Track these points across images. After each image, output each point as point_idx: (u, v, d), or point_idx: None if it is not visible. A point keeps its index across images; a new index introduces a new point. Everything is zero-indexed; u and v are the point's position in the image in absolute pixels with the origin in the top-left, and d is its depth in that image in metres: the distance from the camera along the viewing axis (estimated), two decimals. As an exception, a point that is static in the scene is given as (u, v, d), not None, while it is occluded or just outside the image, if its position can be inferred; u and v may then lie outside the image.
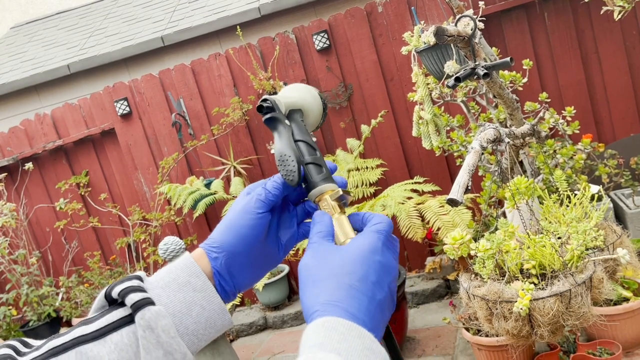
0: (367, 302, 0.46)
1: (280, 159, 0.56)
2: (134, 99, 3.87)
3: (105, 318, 0.50)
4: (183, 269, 0.54)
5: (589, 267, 1.24)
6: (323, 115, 0.65)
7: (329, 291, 0.45)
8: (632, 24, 3.16)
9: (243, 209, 0.56)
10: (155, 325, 0.48)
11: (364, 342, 0.41)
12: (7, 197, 4.04)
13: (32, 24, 6.54)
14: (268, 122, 0.58)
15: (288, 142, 0.57)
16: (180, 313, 0.51)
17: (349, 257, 0.48)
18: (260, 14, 4.00)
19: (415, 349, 2.85)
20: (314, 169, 0.56)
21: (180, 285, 0.52)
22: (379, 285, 0.47)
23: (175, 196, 3.54)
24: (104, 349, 0.48)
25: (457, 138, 2.58)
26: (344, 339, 0.40)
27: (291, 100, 0.61)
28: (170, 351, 0.49)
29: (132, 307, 0.49)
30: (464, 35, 1.62)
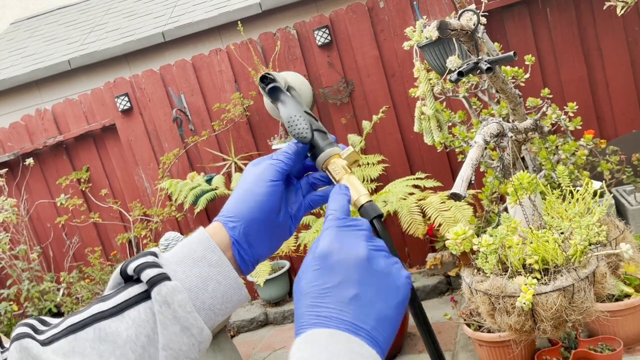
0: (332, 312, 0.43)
1: (289, 122, 0.57)
2: (135, 95, 3.86)
3: (122, 295, 0.50)
4: (198, 244, 0.53)
5: (592, 262, 1.24)
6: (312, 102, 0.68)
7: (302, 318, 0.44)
8: (634, 20, 3.14)
9: (258, 178, 0.56)
10: (171, 301, 0.48)
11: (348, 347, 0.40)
12: (8, 192, 4.03)
13: (32, 19, 6.53)
14: (271, 92, 0.60)
15: (294, 105, 0.58)
16: (196, 288, 0.51)
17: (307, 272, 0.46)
18: (261, 9, 3.99)
19: (416, 345, 2.85)
20: (319, 135, 0.58)
21: (196, 261, 0.52)
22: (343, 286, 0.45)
23: (176, 192, 3.54)
24: (122, 324, 0.48)
25: (459, 134, 2.57)
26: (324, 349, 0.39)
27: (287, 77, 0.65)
28: (187, 326, 0.49)
29: (148, 283, 0.49)
30: (467, 29, 1.61)
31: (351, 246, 0.46)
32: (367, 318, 0.43)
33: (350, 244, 0.47)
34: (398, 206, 2.57)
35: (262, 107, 3.68)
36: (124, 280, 0.53)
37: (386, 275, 0.46)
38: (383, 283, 0.46)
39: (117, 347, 0.47)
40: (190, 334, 0.49)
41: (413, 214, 2.57)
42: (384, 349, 0.43)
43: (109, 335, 0.48)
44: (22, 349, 0.47)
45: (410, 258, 3.65)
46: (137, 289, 0.50)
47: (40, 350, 0.46)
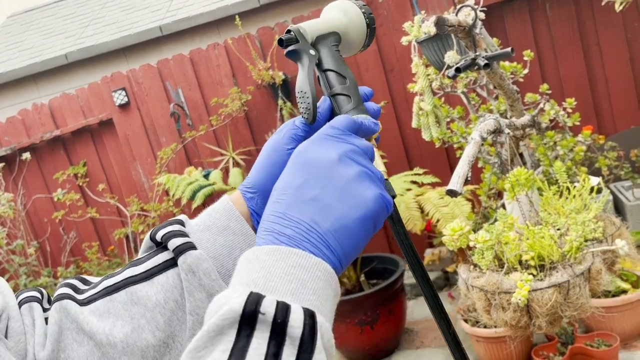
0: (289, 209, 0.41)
1: (298, 95, 0.53)
2: (132, 89, 3.84)
3: (151, 260, 0.53)
4: (222, 213, 0.54)
5: (588, 259, 1.24)
6: (368, 32, 0.59)
7: (264, 215, 0.42)
8: (633, 16, 3.13)
9: (272, 147, 0.55)
10: (196, 269, 0.50)
11: (288, 262, 0.37)
12: (4, 187, 4.02)
13: (29, 12, 6.49)
14: (290, 55, 0.55)
15: (307, 76, 0.53)
16: (221, 256, 0.53)
17: (283, 172, 0.45)
18: (259, 4, 3.97)
19: (413, 340, 2.85)
20: (343, 99, 0.53)
21: (220, 229, 0.53)
22: (306, 185, 0.42)
23: (173, 187, 3.53)
24: (152, 289, 0.51)
25: (457, 129, 2.57)
26: (262, 267, 0.37)
27: (321, 25, 0.56)
28: (212, 293, 0.50)
29: (174, 252, 0.51)
30: (464, 25, 1.60)
31: (326, 149, 0.44)
32: (322, 221, 0.40)
33: (327, 147, 0.44)
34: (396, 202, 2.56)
35: (260, 101, 3.67)
36: (155, 245, 0.55)
37: (354, 184, 0.43)
38: (348, 190, 0.42)
39: (147, 310, 0.50)
40: None
41: (411, 209, 2.56)
42: (341, 260, 0.41)
43: (140, 299, 0.50)
44: (61, 309, 0.50)
45: (408, 253, 3.65)
46: (165, 255, 0.53)
47: (78, 310, 0.50)
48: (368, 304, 2.63)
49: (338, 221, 0.41)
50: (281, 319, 0.34)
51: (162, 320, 0.50)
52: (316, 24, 0.56)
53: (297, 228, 0.40)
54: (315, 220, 0.41)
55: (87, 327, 0.49)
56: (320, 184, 0.42)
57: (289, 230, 0.40)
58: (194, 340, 0.33)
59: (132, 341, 0.49)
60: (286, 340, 0.33)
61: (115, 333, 0.49)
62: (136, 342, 0.49)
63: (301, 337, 0.34)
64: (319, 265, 0.38)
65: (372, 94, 0.57)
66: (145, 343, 0.50)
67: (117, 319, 0.50)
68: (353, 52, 0.61)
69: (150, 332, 0.50)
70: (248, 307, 0.33)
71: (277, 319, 0.34)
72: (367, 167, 0.45)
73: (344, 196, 0.42)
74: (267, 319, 0.33)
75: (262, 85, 3.57)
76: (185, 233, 0.53)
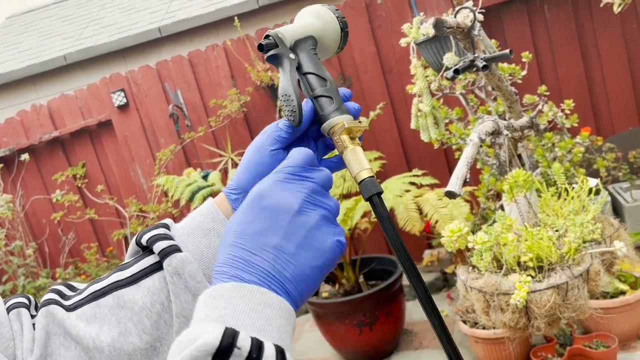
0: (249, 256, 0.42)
1: (282, 98, 0.54)
2: (131, 90, 3.84)
3: (137, 264, 0.53)
4: (207, 216, 0.55)
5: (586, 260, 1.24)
6: (342, 36, 0.61)
7: (221, 257, 0.43)
8: (631, 17, 3.14)
9: (256, 148, 0.56)
10: (182, 271, 0.51)
11: (252, 299, 0.39)
12: (3, 188, 4.02)
13: (28, 14, 6.49)
14: (270, 60, 0.55)
15: (290, 79, 0.53)
16: (206, 258, 0.53)
17: (238, 212, 0.45)
18: (258, 5, 3.97)
19: (412, 341, 2.85)
20: (325, 101, 0.54)
21: (205, 232, 0.54)
22: (267, 232, 0.43)
23: (172, 188, 3.53)
24: (138, 293, 0.51)
25: (456, 131, 2.57)
26: (229, 303, 0.38)
27: (300, 30, 0.57)
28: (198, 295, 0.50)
29: (159, 255, 0.51)
30: (463, 27, 1.60)
31: (286, 195, 0.44)
32: (282, 269, 0.42)
33: (286, 192, 0.45)
34: (395, 203, 2.56)
35: (259, 103, 3.67)
36: (141, 249, 0.55)
37: (313, 233, 0.44)
38: (308, 240, 0.43)
39: (134, 314, 0.51)
40: None
41: (410, 210, 2.57)
42: (297, 303, 0.43)
43: (126, 303, 0.51)
44: (48, 314, 0.50)
45: (407, 255, 3.65)
46: (151, 259, 0.53)
47: (65, 315, 0.50)
48: (367, 305, 2.63)
49: (297, 269, 0.42)
50: (256, 354, 0.35)
51: (149, 323, 0.51)
52: (294, 29, 0.57)
53: (259, 274, 0.41)
54: (275, 268, 0.42)
55: (74, 332, 0.49)
56: (281, 234, 0.43)
57: (249, 276, 0.41)
58: None
59: (119, 345, 0.50)
60: None
61: (102, 337, 0.49)
62: (123, 346, 0.50)
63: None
64: (280, 303, 0.40)
65: (351, 95, 0.58)
66: (133, 347, 0.50)
67: (103, 323, 0.50)
68: (328, 55, 0.62)
69: (137, 335, 0.50)
70: (225, 341, 0.34)
71: (252, 354, 0.35)
72: (325, 206, 0.46)
73: (303, 246, 0.43)
74: (243, 353, 0.34)
75: (261, 87, 3.57)
76: (171, 236, 0.53)
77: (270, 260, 0.42)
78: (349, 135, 0.53)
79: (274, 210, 0.44)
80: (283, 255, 0.42)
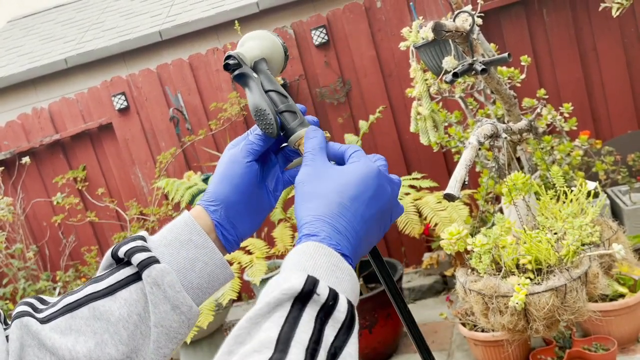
0: (354, 220, 0.47)
1: (256, 114, 0.57)
2: (132, 94, 3.86)
3: (113, 276, 0.54)
4: (184, 227, 0.57)
5: (585, 263, 1.25)
6: (285, 58, 0.65)
7: (320, 207, 0.48)
8: (630, 21, 3.16)
9: (231, 160, 0.59)
10: (161, 282, 0.52)
11: (330, 260, 0.44)
12: (4, 191, 4.02)
13: (29, 17, 6.51)
14: (237, 79, 0.59)
15: (260, 95, 0.57)
16: (184, 269, 0.55)
17: (346, 176, 0.50)
18: (258, 9, 3.99)
19: (412, 344, 2.85)
20: (289, 116, 0.58)
21: (183, 243, 0.56)
22: (368, 207, 0.49)
23: (172, 191, 3.53)
24: (115, 304, 0.52)
25: (455, 134, 2.58)
26: (310, 258, 0.44)
27: (254, 52, 0.61)
28: (177, 305, 0.52)
29: (138, 266, 0.52)
30: (462, 31, 1.62)
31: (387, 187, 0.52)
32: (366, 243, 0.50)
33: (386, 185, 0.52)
34: (394, 206, 2.57)
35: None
36: (115, 262, 0.56)
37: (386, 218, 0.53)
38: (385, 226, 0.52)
39: (110, 325, 0.51)
40: (180, 311, 0.53)
41: (409, 213, 2.57)
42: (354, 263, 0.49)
43: (102, 314, 0.51)
44: (22, 326, 0.50)
45: (407, 258, 3.66)
46: (128, 270, 0.54)
47: (39, 327, 0.50)
48: (366, 307, 2.63)
49: (374, 240, 0.52)
50: (332, 302, 0.40)
51: (125, 334, 0.51)
52: (250, 50, 0.61)
53: (350, 240, 0.47)
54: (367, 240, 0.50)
55: (50, 343, 0.49)
56: (382, 218, 0.51)
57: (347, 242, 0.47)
58: (254, 309, 0.39)
59: (95, 356, 0.50)
60: (329, 321, 0.40)
61: (79, 348, 0.50)
62: (100, 357, 0.50)
63: (343, 321, 0.40)
64: (348, 271, 0.46)
65: (305, 110, 0.62)
66: (109, 357, 0.50)
67: (79, 334, 0.50)
68: (274, 75, 0.65)
69: (114, 346, 0.51)
70: (306, 287, 0.40)
71: (329, 301, 0.40)
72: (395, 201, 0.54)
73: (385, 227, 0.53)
74: (321, 300, 0.40)
75: (261, 90, 3.58)
76: (148, 248, 0.54)
77: (366, 232, 0.49)
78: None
79: (379, 193, 0.50)
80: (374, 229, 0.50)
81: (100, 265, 0.57)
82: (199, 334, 2.58)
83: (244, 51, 0.61)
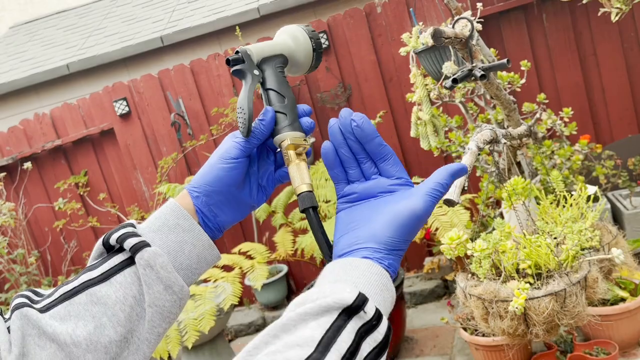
0: (398, 252, 0.51)
1: (238, 111, 0.59)
2: (133, 99, 3.87)
3: (107, 263, 0.56)
4: (170, 213, 0.59)
5: (584, 267, 1.25)
6: (314, 56, 0.65)
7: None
8: (629, 26, 3.17)
9: (221, 155, 0.61)
10: (154, 263, 0.54)
11: (381, 280, 0.48)
12: (6, 196, 4.04)
13: (31, 23, 6.54)
14: (235, 74, 0.60)
15: (247, 94, 0.59)
16: (174, 252, 0.57)
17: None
18: (259, 14, 4.01)
19: (413, 348, 2.85)
20: (280, 117, 0.59)
21: (171, 228, 0.58)
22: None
23: (174, 196, 3.54)
24: (111, 288, 0.54)
25: (456, 139, 2.59)
26: (362, 274, 0.47)
27: (267, 47, 0.62)
28: (169, 285, 0.55)
29: (130, 250, 0.55)
30: (461, 37, 1.63)
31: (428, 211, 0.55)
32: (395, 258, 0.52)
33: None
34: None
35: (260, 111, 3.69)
36: (107, 250, 0.58)
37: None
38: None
39: (108, 308, 0.53)
40: (172, 291, 0.55)
41: (410, 218, 2.57)
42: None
43: (100, 299, 0.54)
44: (22, 316, 0.52)
45: (408, 262, 3.66)
46: (121, 257, 0.56)
47: (39, 316, 0.52)
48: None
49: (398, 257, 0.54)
50: (375, 322, 0.44)
51: (122, 316, 0.54)
52: (263, 46, 0.62)
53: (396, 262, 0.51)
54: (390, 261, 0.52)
55: (51, 330, 0.51)
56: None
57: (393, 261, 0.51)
58: (308, 306, 0.42)
59: (95, 338, 0.52)
60: (368, 338, 0.43)
61: (79, 332, 0.52)
62: (100, 339, 0.52)
63: (379, 342, 0.44)
64: (393, 292, 0.50)
65: (311, 111, 0.63)
66: (108, 339, 0.53)
67: (78, 319, 0.53)
68: (301, 72, 0.67)
69: (112, 328, 0.53)
70: (357, 302, 0.43)
71: (372, 321, 0.43)
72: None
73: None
74: (366, 317, 0.43)
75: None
76: (139, 234, 0.57)
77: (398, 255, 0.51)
78: (295, 150, 0.58)
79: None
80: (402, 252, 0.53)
81: (91, 255, 0.59)
82: (200, 339, 2.58)
83: (258, 46, 0.61)
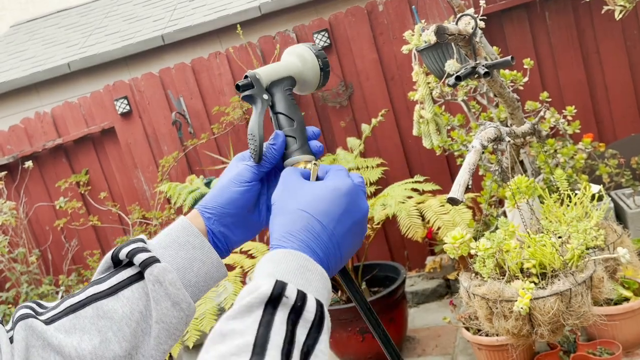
0: (322, 233, 0.49)
1: (249, 137, 0.60)
2: (134, 98, 3.86)
3: (115, 277, 0.56)
4: (181, 230, 0.59)
5: (589, 267, 1.24)
6: (322, 75, 0.65)
7: (288, 223, 0.50)
8: (633, 24, 3.15)
9: (234, 178, 0.61)
10: (163, 279, 0.54)
11: (298, 262, 0.46)
12: (7, 195, 4.03)
13: (32, 22, 6.54)
14: (246, 99, 0.61)
15: (257, 121, 0.60)
16: (183, 268, 0.57)
17: (317, 192, 0.52)
18: (260, 13, 4.00)
19: (415, 348, 2.84)
20: (290, 140, 0.60)
21: (181, 245, 0.58)
22: (340, 222, 0.51)
23: (175, 195, 3.53)
24: (118, 303, 0.54)
25: (458, 137, 2.58)
26: (279, 263, 0.46)
27: (275, 70, 0.62)
28: (177, 301, 0.55)
29: (140, 265, 0.55)
30: (464, 34, 1.61)
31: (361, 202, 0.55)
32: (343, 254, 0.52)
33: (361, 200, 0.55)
34: (397, 210, 2.56)
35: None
36: (115, 264, 0.58)
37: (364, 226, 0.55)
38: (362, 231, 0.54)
39: (114, 323, 0.53)
40: (180, 308, 0.55)
41: (412, 217, 2.56)
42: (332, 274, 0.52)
43: (106, 313, 0.53)
44: (27, 327, 0.51)
45: (410, 261, 3.65)
46: (129, 271, 0.56)
47: (44, 327, 0.52)
48: (370, 312, 2.62)
49: (348, 253, 0.53)
50: (300, 303, 0.43)
51: (128, 331, 0.53)
52: (271, 70, 0.63)
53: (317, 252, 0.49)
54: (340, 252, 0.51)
55: (56, 342, 0.51)
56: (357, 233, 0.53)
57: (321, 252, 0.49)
58: (230, 311, 0.42)
59: (100, 353, 0.52)
60: (300, 322, 0.42)
61: (84, 346, 0.51)
62: (104, 353, 0.52)
63: (312, 321, 0.43)
64: (320, 270, 0.48)
65: (319, 133, 0.64)
66: (113, 354, 0.52)
67: (84, 333, 0.52)
68: (309, 91, 0.67)
69: (118, 343, 0.53)
70: (275, 291, 0.42)
71: (297, 303, 0.42)
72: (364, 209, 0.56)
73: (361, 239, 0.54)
74: (289, 302, 0.42)
75: (264, 94, 3.58)
76: (149, 249, 0.56)
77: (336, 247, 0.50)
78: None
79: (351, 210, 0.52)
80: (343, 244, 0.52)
81: (97, 269, 0.59)
82: (201, 338, 2.58)
83: (267, 70, 0.62)
